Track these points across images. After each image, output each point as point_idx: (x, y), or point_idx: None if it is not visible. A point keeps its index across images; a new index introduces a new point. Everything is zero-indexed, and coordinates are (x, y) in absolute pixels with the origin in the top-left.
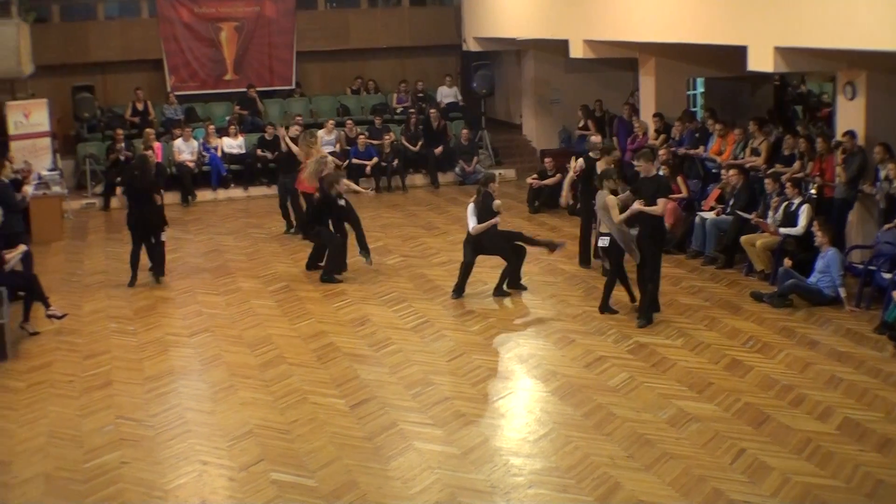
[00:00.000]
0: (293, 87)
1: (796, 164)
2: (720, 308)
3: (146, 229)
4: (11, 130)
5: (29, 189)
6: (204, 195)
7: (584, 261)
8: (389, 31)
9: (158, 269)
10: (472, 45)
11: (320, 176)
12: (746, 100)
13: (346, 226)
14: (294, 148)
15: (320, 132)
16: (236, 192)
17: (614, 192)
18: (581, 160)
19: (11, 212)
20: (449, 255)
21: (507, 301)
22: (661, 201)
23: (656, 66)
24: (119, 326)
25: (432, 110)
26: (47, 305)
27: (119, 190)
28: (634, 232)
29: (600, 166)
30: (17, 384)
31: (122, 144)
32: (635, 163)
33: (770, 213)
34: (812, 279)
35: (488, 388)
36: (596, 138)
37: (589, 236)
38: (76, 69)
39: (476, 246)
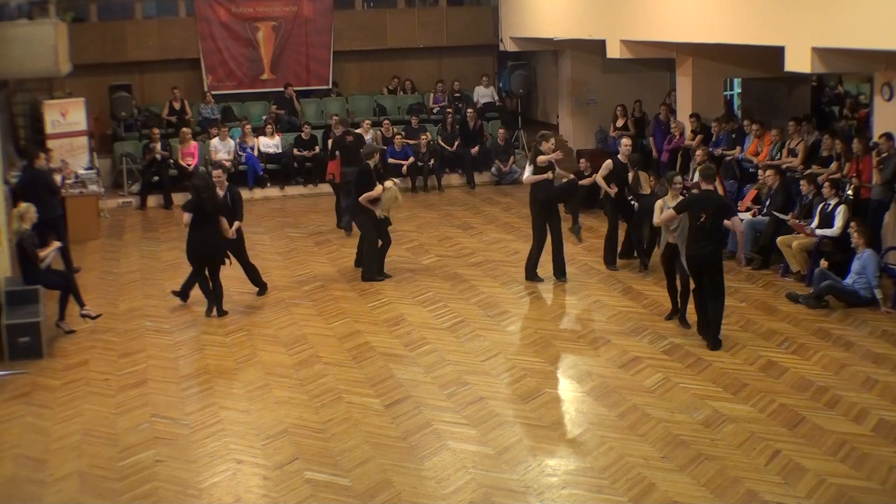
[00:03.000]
0: (330, 86)
1: (833, 165)
2: (756, 309)
3: (211, 258)
4: (49, 129)
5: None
6: None
7: (610, 261)
8: (426, 31)
9: (219, 303)
10: (508, 45)
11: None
12: (783, 100)
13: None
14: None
15: (357, 132)
16: (272, 191)
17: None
18: (610, 161)
19: (52, 194)
20: (485, 255)
21: (542, 301)
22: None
23: (693, 67)
24: (155, 325)
25: (469, 110)
26: (82, 305)
27: (185, 217)
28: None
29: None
30: (53, 382)
31: (159, 144)
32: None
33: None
34: (848, 280)
35: (523, 388)
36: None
37: (616, 237)
38: (113, 68)
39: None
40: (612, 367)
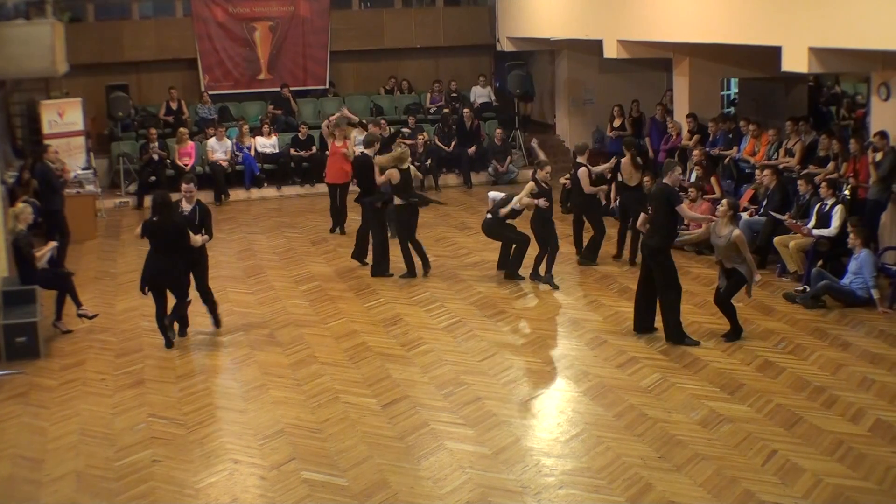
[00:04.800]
0: (327, 86)
1: (830, 165)
2: (752, 309)
3: (165, 285)
4: (46, 129)
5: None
6: (237, 194)
7: (592, 258)
8: (423, 31)
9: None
10: (505, 45)
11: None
12: (780, 100)
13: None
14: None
15: (353, 132)
16: (269, 191)
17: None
18: (584, 170)
19: (53, 191)
20: (481, 255)
21: (539, 301)
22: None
23: (690, 67)
24: (151, 325)
25: (466, 110)
26: (79, 305)
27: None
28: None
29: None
30: (50, 382)
31: (156, 144)
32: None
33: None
34: (845, 280)
35: (520, 388)
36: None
37: (602, 238)
38: (110, 68)
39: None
40: (609, 366)
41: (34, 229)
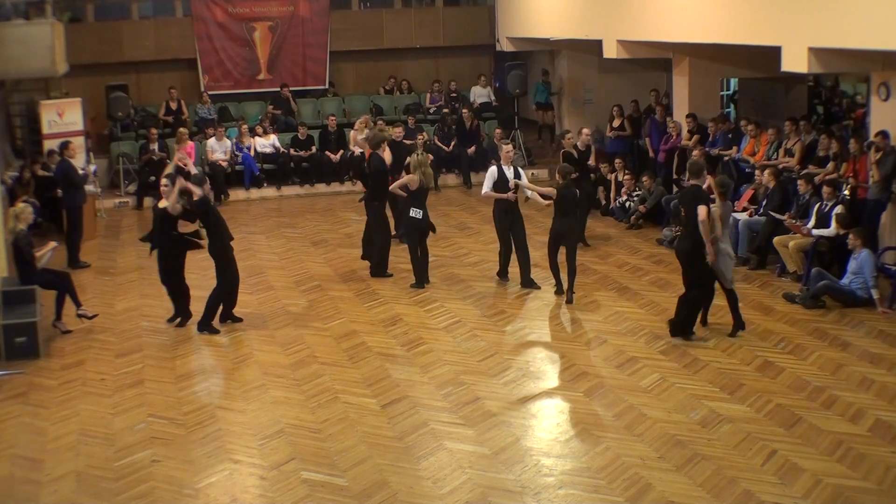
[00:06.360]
0: (326, 86)
1: (830, 165)
2: (752, 309)
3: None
4: (45, 129)
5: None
6: (237, 194)
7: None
8: (423, 31)
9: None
10: (505, 46)
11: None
12: (780, 100)
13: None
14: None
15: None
16: (269, 191)
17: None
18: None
19: (75, 187)
20: (481, 255)
21: (538, 301)
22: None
23: (690, 67)
24: (151, 325)
25: (465, 110)
26: (78, 305)
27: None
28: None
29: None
30: (50, 382)
31: (156, 144)
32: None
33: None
34: (845, 280)
35: (519, 388)
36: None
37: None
38: (110, 68)
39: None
40: (609, 367)
41: (34, 229)
